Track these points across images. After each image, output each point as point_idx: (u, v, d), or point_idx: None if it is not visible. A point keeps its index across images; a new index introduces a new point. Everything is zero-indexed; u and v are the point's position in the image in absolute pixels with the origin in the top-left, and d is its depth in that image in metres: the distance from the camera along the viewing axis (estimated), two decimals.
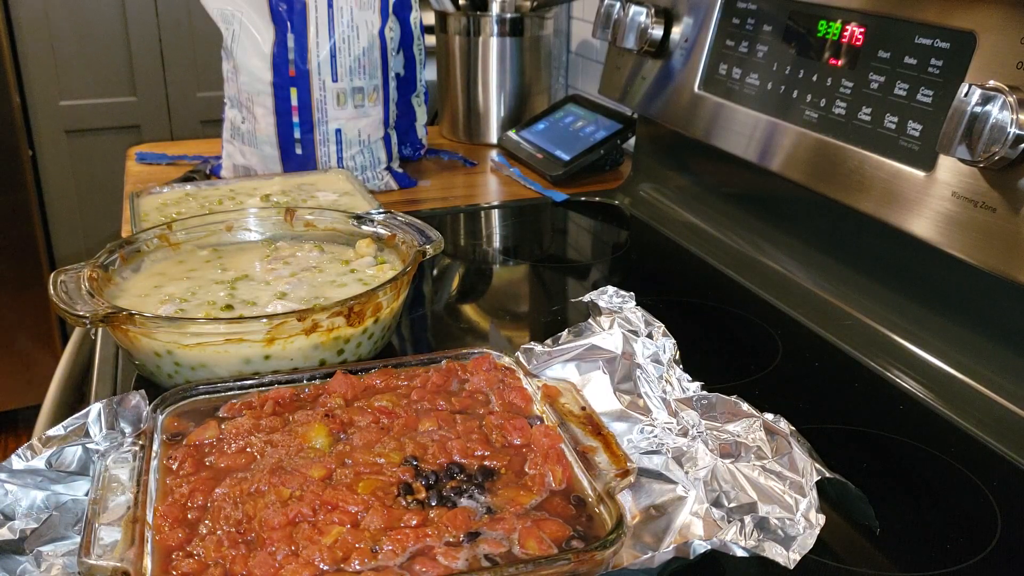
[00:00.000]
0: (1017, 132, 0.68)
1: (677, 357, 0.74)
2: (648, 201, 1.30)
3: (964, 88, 0.71)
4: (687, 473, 0.63)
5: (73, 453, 0.63)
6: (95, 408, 0.65)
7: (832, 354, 0.89)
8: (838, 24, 0.91)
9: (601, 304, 0.79)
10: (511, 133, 1.56)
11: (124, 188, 1.42)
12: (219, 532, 0.55)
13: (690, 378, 0.72)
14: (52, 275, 0.80)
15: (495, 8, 1.59)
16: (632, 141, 1.41)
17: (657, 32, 1.21)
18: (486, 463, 0.62)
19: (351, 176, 1.26)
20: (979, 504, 0.66)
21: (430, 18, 1.60)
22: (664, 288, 1.04)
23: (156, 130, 2.55)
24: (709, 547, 0.56)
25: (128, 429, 0.66)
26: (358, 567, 0.53)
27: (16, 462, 0.61)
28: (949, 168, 0.77)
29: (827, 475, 0.60)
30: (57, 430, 0.64)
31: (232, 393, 0.71)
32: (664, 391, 0.71)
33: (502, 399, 0.70)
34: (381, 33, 1.31)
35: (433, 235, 0.91)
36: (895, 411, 0.79)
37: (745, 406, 0.67)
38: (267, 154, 1.31)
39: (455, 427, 0.66)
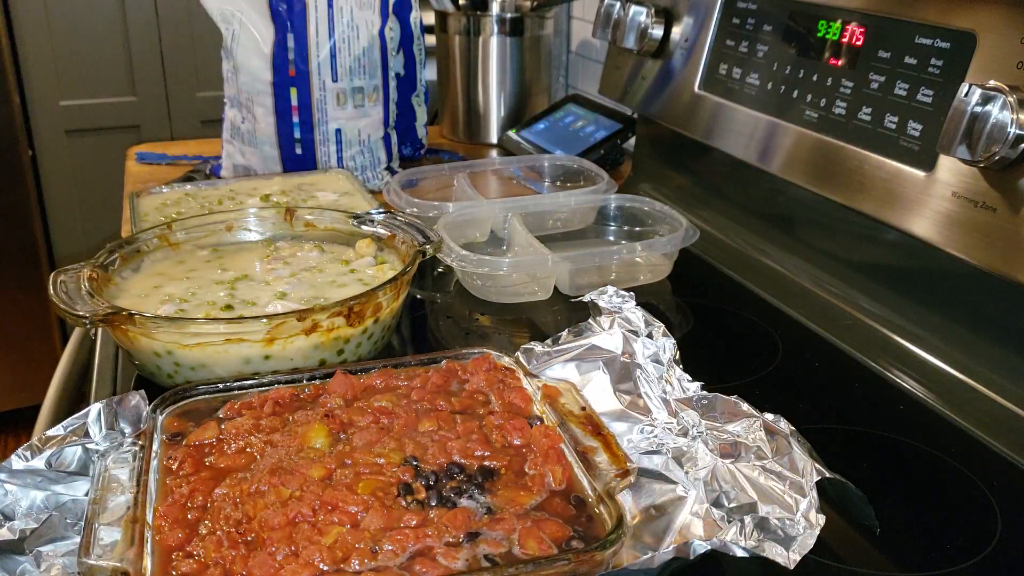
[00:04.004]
0: (1017, 132, 0.68)
1: (677, 357, 0.74)
2: None
3: (964, 88, 0.71)
4: (687, 473, 0.63)
5: (73, 453, 0.63)
6: (95, 408, 0.65)
7: (832, 354, 0.89)
8: (838, 24, 0.91)
9: (601, 304, 0.79)
10: (511, 133, 1.56)
11: (124, 188, 1.42)
12: (219, 532, 0.55)
13: (690, 378, 0.72)
14: (52, 275, 0.80)
15: (495, 8, 1.59)
16: (632, 141, 1.41)
17: (657, 32, 1.21)
18: (486, 463, 0.62)
19: (351, 176, 1.26)
20: (979, 504, 0.66)
21: (430, 18, 1.60)
22: (663, 288, 1.04)
23: (156, 130, 2.55)
24: (709, 547, 0.56)
25: (128, 429, 0.66)
26: (358, 567, 0.53)
27: (16, 462, 0.61)
28: (949, 168, 0.77)
29: (827, 475, 0.60)
30: (57, 430, 0.64)
31: (232, 393, 0.71)
32: (664, 391, 0.71)
33: (502, 399, 0.70)
34: (381, 33, 1.31)
35: (433, 235, 0.91)
36: (895, 411, 0.79)
37: (745, 406, 0.67)
38: (267, 154, 1.31)
39: (455, 427, 0.66)
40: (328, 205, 1.15)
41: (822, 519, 0.57)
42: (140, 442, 0.63)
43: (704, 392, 0.70)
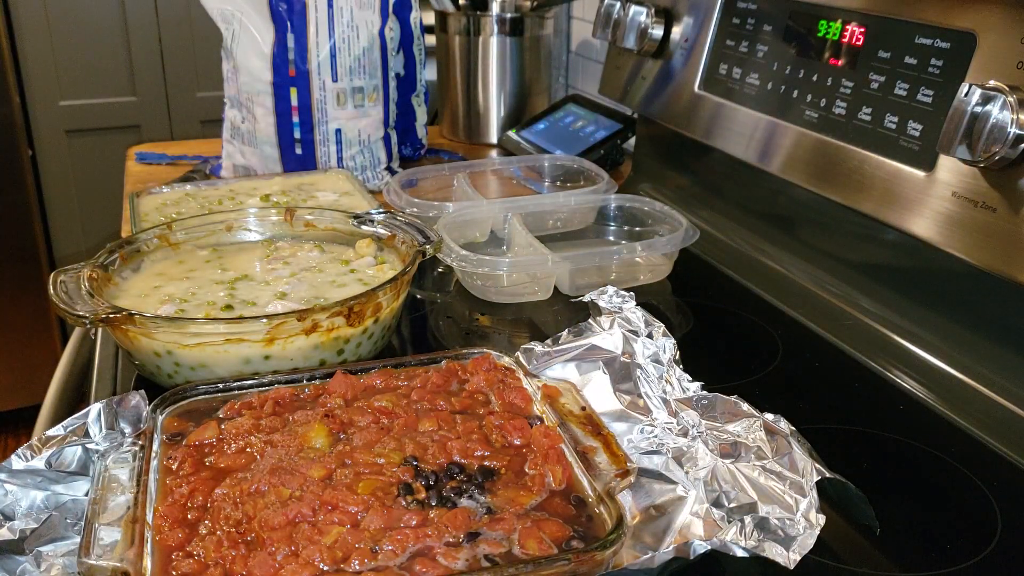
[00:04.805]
0: (1017, 132, 0.68)
1: (677, 357, 0.74)
2: None
3: (964, 88, 0.71)
4: (687, 473, 0.63)
5: (73, 453, 0.63)
6: (95, 408, 0.65)
7: (832, 354, 0.89)
8: (838, 24, 0.91)
9: (601, 304, 0.79)
10: (511, 133, 1.56)
11: (124, 188, 1.42)
12: (219, 532, 0.55)
13: (690, 378, 0.72)
14: (52, 275, 0.80)
15: (495, 8, 1.59)
16: (632, 141, 1.41)
17: (657, 32, 1.21)
18: (486, 463, 0.62)
19: (351, 176, 1.26)
20: (979, 504, 0.66)
21: (430, 18, 1.60)
22: (663, 288, 1.04)
23: (156, 130, 2.55)
24: (709, 547, 0.56)
25: (128, 429, 0.66)
26: (358, 567, 0.53)
27: (16, 462, 0.61)
28: (949, 168, 0.77)
29: (827, 475, 0.60)
30: (57, 430, 0.64)
31: (232, 393, 0.71)
32: (664, 391, 0.71)
33: (502, 399, 0.70)
34: (381, 33, 1.31)
35: (433, 235, 0.91)
36: (895, 411, 0.79)
37: (745, 406, 0.67)
38: (267, 154, 1.31)
39: (455, 427, 0.66)
40: (328, 205, 1.15)
41: (822, 519, 0.57)
42: (140, 442, 0.63)
43: (704, 392, 0.70)
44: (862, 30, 0.88)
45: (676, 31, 1.19)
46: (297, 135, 1.30)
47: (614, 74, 1.34)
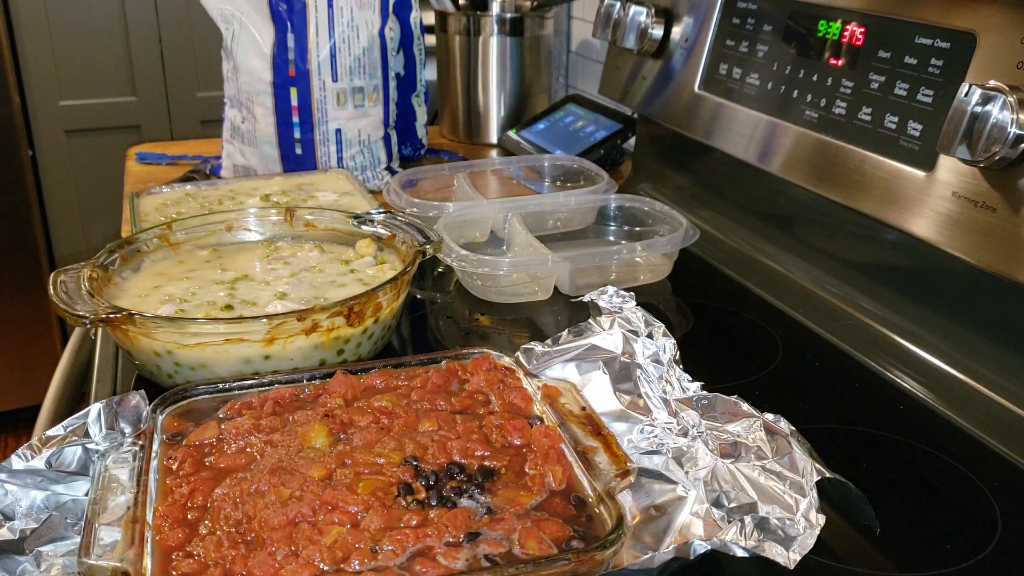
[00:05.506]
0: (1017, 132, 0.68)
1: (677, 357, 0.74)
2: None
3: (964, 88, 0.71)
4: (687, 473, 0.63)
5: (73, 453, 0.63)
6: (95, 408, 0.65)
7: (832, 354, 0.89)
8: (838, 24, 0.91)
9: (601, 304, 0.79)
10: (511, 133, 1.56)
11: (124, 188, 1.42)
12: (219, 532, 0.55)
13: (690, 378, 0.72)
14: (52, 275, 0.80)
15: (495, 8, 1.59)
16: (632, 141, 1.41)
17: (657, 32, 1.21)
18: (486, 463, 0.62)
19: (351, 176, 1.26)
20: (979, 504, 0.66)
21: (430, 18, 1.60)
22: (663, 288, 1.04)
23: (156, 130, 2.55)
24: (709, 547, 0.56)
25: (128, 429, 0.66)
26: (358, 567, 0.53)
27: (16, 462, 0.61)
28: (949, 168, 0.77)
29: (827, 475, 0.60)
30: (57, 430, 0.64)
31: (232, 393, 0.71)
32: (664, 391, 0.71)
33: (502, 399, 0.70)
34: (381, 33, 1.31)
35: (433, 235, 0.91)
36: (895, 411, 0.79)
37: (745, 406, 0.67)
38: (267, 154, 1.31)
39: (455, 427, 0.66)
40: (328, 205, 1.15)
41: (822, 519, 0.57)
42: (140, 442, 0.63)
43: (704, 392, 0.70)
44: (862, 30, 0.88)
45: (676, 31, 1.19)
46: (297, 135, 1.30)
47: (614, 74, 1.34)
